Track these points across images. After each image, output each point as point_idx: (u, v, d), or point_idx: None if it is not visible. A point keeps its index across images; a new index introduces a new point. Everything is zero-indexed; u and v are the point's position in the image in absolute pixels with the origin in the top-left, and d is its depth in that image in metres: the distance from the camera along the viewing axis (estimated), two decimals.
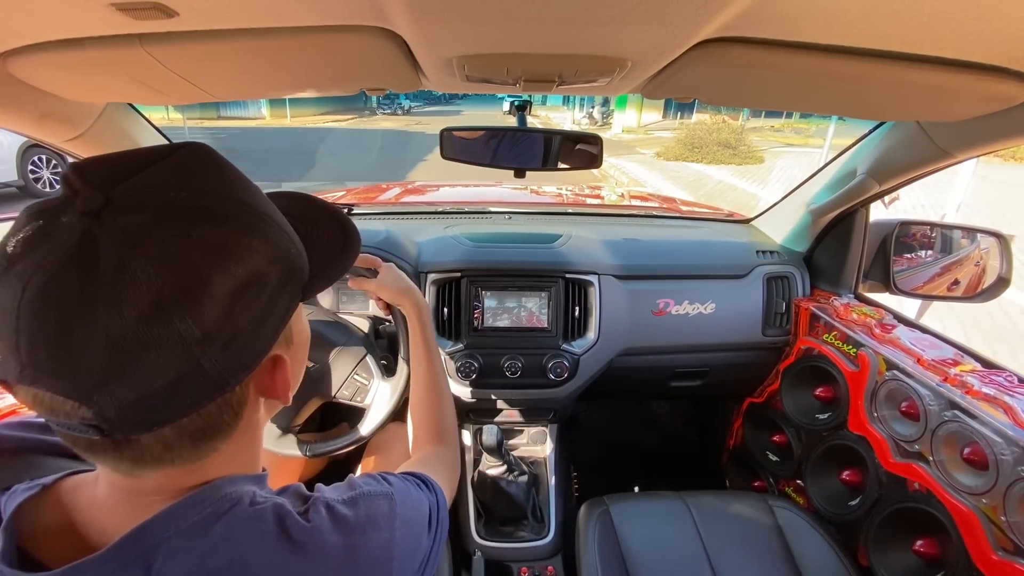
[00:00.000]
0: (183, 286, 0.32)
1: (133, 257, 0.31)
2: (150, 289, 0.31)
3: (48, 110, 0.78)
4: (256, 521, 0.38)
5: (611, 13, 0.48)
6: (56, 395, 0.31)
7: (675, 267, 1.37)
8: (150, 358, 0.31)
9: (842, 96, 0.73)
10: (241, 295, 0.35)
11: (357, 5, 0.50)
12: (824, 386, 1.26)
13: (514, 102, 1.00)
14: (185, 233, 0.33)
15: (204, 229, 0.34)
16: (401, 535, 0.45)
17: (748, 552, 1.06)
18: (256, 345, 0.37)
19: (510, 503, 1.26)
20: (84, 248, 0.30)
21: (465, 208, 1.71)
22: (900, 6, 0.45)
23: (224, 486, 0.39)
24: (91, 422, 0.32)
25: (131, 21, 0.50)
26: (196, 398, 0.35)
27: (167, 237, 0.32)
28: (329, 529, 0.40)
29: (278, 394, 0.42)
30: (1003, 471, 0.81)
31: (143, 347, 0.31)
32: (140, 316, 0.31)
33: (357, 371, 1.04)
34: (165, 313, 0.31)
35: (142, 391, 0.32)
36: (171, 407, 0.34)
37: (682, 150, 12.44)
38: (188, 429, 0.36)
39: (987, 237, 1.22)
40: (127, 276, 0.30)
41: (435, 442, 0.77)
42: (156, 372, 0.32)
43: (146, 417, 0.33)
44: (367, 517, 0.43)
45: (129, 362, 0.31)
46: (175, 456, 0.37)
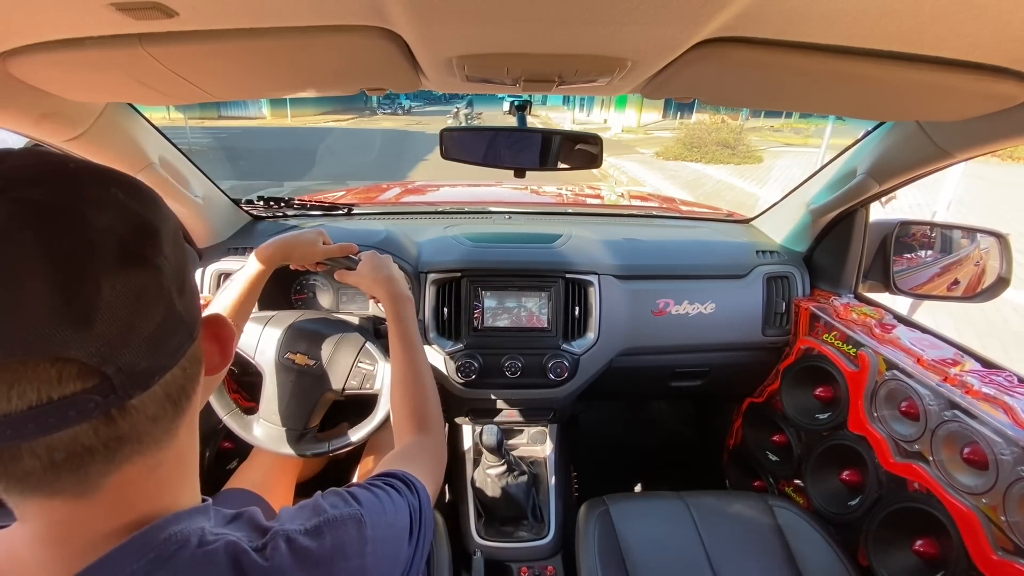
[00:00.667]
0: (140, 227, 0.33)
1: (84, 208, 0.31)
2: (112, 234, 0.31)
3: (48, 110, 0.78)
4: (206, 564, 0.34)
5: (611, 13, 0.48)
6: (60, 362, 0.29)
7: (675, 267, 1.37)
8: (141, 300, 0.32)
9: (842, 96, 0.73)
10: (177, 241, 0.36)
11: (357, 5, 0.50)
12: (824, 386, 1.26)
13: (514, 102, 1.00)
14: (109, 187, 0.33)
15: (122, 186, 0.34)
16: (373, 560, 0.42)
17: (748, 552, 1.06)
18: (195, 295, 0.38)
19: (510, 503, 1.26)
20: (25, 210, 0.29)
21: (465, 208, 1.71)
22: (900, 6, 0.45)
23: (166, 526, 0.35)
24: (98, 384, 0.30)
25: (131, 21, 0.50)
26: (179, 342, 0.35)
27: (96, 191, 0.33)
28: (290, 567, 0.37)
29: (223, 350, 0.42)
30: (1003, 471, 0.81)
31: (135, 290, 0.32)
32: (120, 260, 0.31)
33: (360, 360, 1.05)
34: (138, 254, 0.32)
35: (144, 335, 0.32)
36: (165, 351, 0.34)
37: (681, 150, 12.46)
38: (172, 387, 0.35)
39: (987, 237, 1.22)
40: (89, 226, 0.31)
41: (417, 431, 0.75)
42: (149, 315, 0.32)
43: (150, 365, 0.33)
44: (334, 547, 0.40)
45: (126, 307, 0.31)
46: (156, 427, 0.35)
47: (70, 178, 0.32)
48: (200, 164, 1.23)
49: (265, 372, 1.04)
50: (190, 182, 1.17)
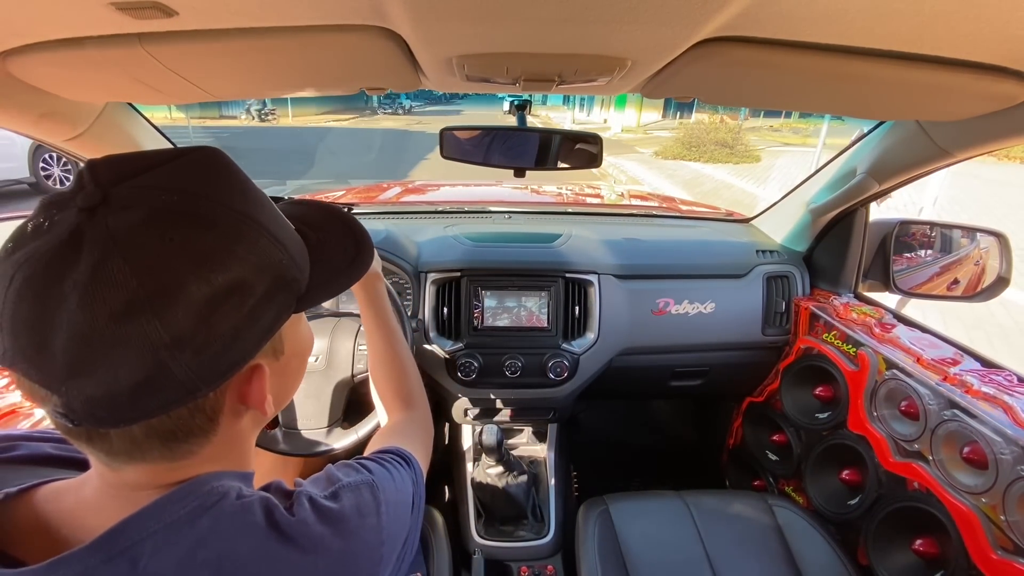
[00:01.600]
0: (156, 290, 0.32)
1: (112, 256, 0.31)
2: (124, 289, 0.31)
3: (48, 110, 0.78)
4: (244, 514, 0.38)
5: (611, 13, 0.48)
6: (32, 383, 0.32)
7: (675, 267, 1.37)
8: (117, 357, 0.32)
9: (842, 96, 0.73)
10: (221, 303, 0.35)
11: (357, 5, 0.50)
12: (824, 385, 1.26)
13: (514, 102, 1.00)
14: (167, 237, 0.33)
15: (188, 233, 0.34)
16: (388, 519, 0.45)
17: (748, 551, 1.06)
18: (234, 354, 0.37)
19: (510, 503, 1.26)
20: (71, 243, 0.31)
21: (465, 208, 1.71)
22: (900, 6, 0.45)
23: (209, 480, 0.39)
24: (60, 410, 0.33)
25: (131, 20, 0.50)
26: (164, 400, 0.34)
27: (148, 239, 0.33)
28: (315, 521, 0.40)
29: (252, 404, 0.41)
30: (1003, 470, 0.81)
31: (111, 345, 0.31)
32: (111, 315, 0.31)
33: (359, 343, 1.05)
34: (134, 315, 0.31)
35: (108, 388, 0.32)
36: (137, 407, 0.34)
37: (680, 149, 12.46)
38: (157, 429, 0.36)
39: (987, 236, 1.22)
40: (103, 274, 0.31)
41: (403, 408, 0.75)
42: (122, 371, 0.32)
43: (111, 414, 0.33)
44: (352, 507, 0.43)
45: (97, 358, 0.31)
46: (144, 454, 0.37)
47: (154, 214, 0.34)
48: None
49: None
50: None
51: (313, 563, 0.39)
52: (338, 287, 0.47)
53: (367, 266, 0.50)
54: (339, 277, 0.47)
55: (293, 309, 0.41)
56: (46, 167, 6.43)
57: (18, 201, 6.08)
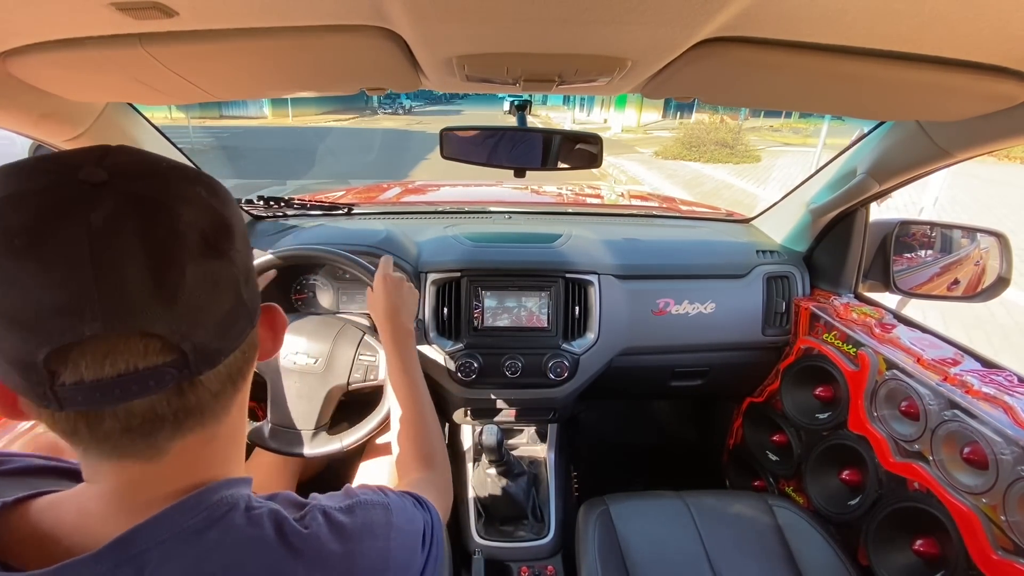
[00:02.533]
0: (218, 223, 0.36)
1: (176, 204, 0.34)
2: (196, 228, 0.34)
3: (48, 110, 0.78)
4: (253, 526, 0.38)
5: (611, 13, 0.48)
6: (143, 337, 0.33)
7: (675, 267, 1.36)
8: (217, 288, 0.36)
9: (842, 96, 0.73)
10: (245, 237, 0.40)
11: (357, 5, 0.50)
12: (824, 386, 1.26)
13: (514, 102, 1.00)
14: (194, 185, 0.37)
15: (204, 185, 0.38)
16: (396, 544, 0.45)
17: (748, 552, 1.06)
18: (256, 286, 0.42)
19: (510, 503, 1.26)
20: (129, 202, 0.33)
21: (465, 208, 1.71)
22: (900, 6, 0.45)
23: (219, 489, 0.39)
24: (176, 359, 0.34)
25: (131, 21, 0.50)
26: (241, 328, 0.39)
27: (185, 189, 0.36)
28: (327, 536, 0.41)
29: (276, 335, 0.46)
30: (1003, 470, 0.81)
31: (210, 279, 0.35)
32: (202, 251, 0.34)
33: (360, 352, 1.05)
34: (216, 247, 0.35)
35: (216, 319, 0.36)
36: (231, 335, 0.38)
37: (680, 149, 12.47)
38: (233, 368, 0.39)
39: (987, 237, 1.22)
40: (180, 219, 0.34)
41: (423, 468, 0.75)
42: (221, 301, 0.36)
43: (219, 346, 0.37)
44: (364, 525, 0.44)
45: (204, 294, 0.35)
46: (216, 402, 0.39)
47: (163, 175, 0.36)
48: (202, 163, 1.22)
49: (268, 378, 1.05)
50: None
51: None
52: None
53: None
54: None
55: None
56: None
57: None
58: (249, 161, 10.71)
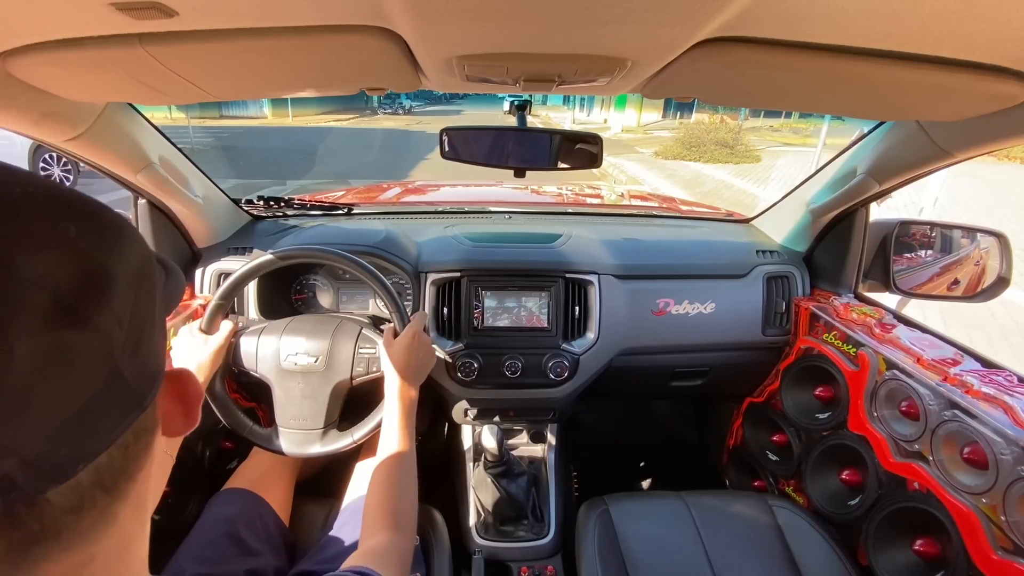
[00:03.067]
0: (86, 276, 0.26)
1: (15, 252, 0.24)
2: (46, 287, 0.25)
3: (48, 110, 0.78)
4: None
5: (611, 13, 0.48)
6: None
7: (675, 267, 1.36)
8: (69, 369, 0.25)
9: (842, 96, 0.73)
10: (140, 283, 0.30)
11: (357, 5, 0.50)
12: (824, 386, 1.26)
13: (514, 102, 1.00)
14: (59, 220, 0.26)
15: (76, 218, 0.28)
16: None
17: (748, 552, 1.06)
18: (159, 349, 0.31)
19: (510, 503, 1.26)
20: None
21: (465, 208, 1.71)
22: (900, 6, 0.45)
23: None
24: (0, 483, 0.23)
25: (131, 21, 0.50)
26: (119, 418, 0.28)
27: (39, 227, 0.26)
28: None
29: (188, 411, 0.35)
30: (1003, 471, 0.81)
31: (59, 356, 0.25)
32: (49, 320, 0.24)
33: (360, 346, 1.06)
34: (75, 312, 0.25)
35: (66, 415, 0.25)
36: (95, 432, 0.27)
37: (680, 149, 12.47)
38: (106, 472, 0.28)
39: (987, 237, 1.22)
40: (16, 275, 0.24)
41: (388, 529, 0.73)
42: (77, 386, 0.25)
43: (71, 451, 0.26)
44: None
45: (46, 379, 0.24)
46: (81, 520, 0.27)
47: (8, 207, 0.25)
48: (202, 163, 1.23)
49: (272, 381, 1.04)
50: (190, 182, 1.17)
51: None
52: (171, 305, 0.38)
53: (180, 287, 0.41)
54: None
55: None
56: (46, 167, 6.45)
57: None
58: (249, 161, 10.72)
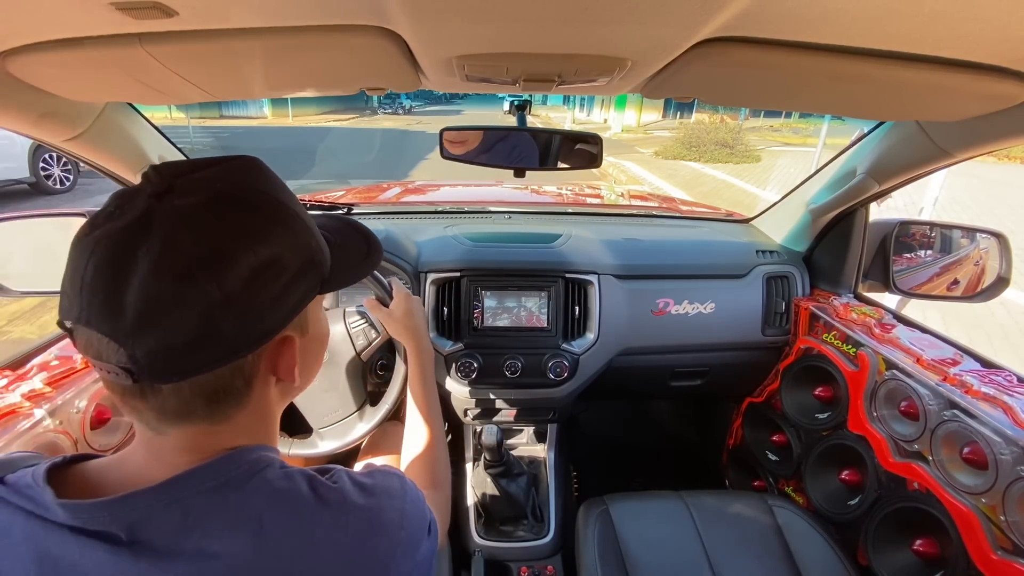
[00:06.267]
0: (213, 256, 0.38)
1: (178, 229, 0.37)
2: (187, 255, 0.37)
3: (47, 110, 0.78)
4: (287, 480, 0.43)
5: (611, 13, 0.48)
6: (103, 337, 0.37)
7: (675, 267, 1.37)
8: (178, 313, 0.37)
9: (842, 96, 0.73)
10: (262, 273, 0.40)
11: (357, 5, 0.50)
12: (824, 386, 1.26)
13: (514, 102, 1.00)
14: (223, 215, 0.40)
15: (237, 213, 0.41)
16: (411, 507, 0.49)
17: (748, 552, 1.06)
18: (270, 321, 0.42)
19: (510, 503, 1.26)
20: (143, 221, 0.37)
21: (465, 208, 1.71)
22: (900, 6, 0.45)
23: (255, 450, 0.44)
24: (124, 365, 0.37)
25: (131, 21, 0.50)
26: (212, 357, 0.40)
27: (207, 216, 0.39)
28: (351, 490, 0.45)
29: (285, 372, 0.46)
30: (1002, 471, 0.81)
31: (173, 303, 0.37)
32: (175, 276, 0.37)
33: (349, 324, 1.05)
34: (195, 276, 0.37)
35: (167, 342, 0.37)
36: (190, 361, 0.39)
37: (680, 149, 12.46)
38: (203, 388, 0.41)
39: (987, 237, 1.22)
40: (171, 243, 0.37)
41: (428, 488, 0.78)
42: (181, 326, 0.37)
43: (168, 366, 0.38)
44: (384, 487, 0.48)
45: (161, 314, 0.37)
46: (191, 413, 0.41)
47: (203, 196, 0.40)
48: None
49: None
50: None
51: (345, 524, 0.43)
52: (356, 276, 0.55)
53: (376, 263, 0.57)
54: (356, 267, 0.55)
55: (318, 290, 0.47)
56: (46, 167, 6.44)
57: (18, 201, 6.08)
58: None
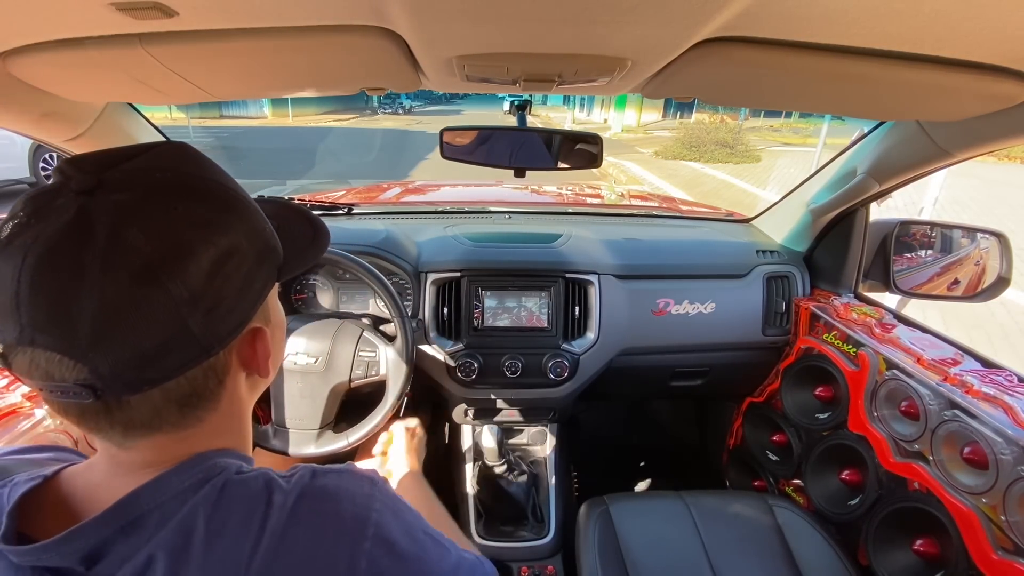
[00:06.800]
0: (171, 252, 0.35)
1: (125, 226, 0.34)
2: (141, 254, 0.34)
3: (48, 110, 0.78)
4: (243, 485, 0.40)
5: (611, 13, 0.48)
6: (54, 354, 0.33)
7: (675, 267, 1.37)
8: (142, 317, 0.34)
9: (842, 96, 0.73)
10: (223, 264, 0.38)
11: (357, 5, 0.50)
12: (824, 386, 1.26)
13: (514, 102, 1.00)
14: (172, 207, 0.36)
15: (188, 204, 0.37)
16: (380, 516, 0.43)
17: (748, 552, 1.06)
18: (237, 314, 0.40)
19: (510, 503, 1.26)
20: (80, 220, 0.33)
21: (465, 208, 1.71)
22: (900, 6, 0.45)
23: (213, 456, 0.41)
24: (86, 382, 0.34)
25: (131, 21, 0.50)
26: (183, 359, 0.37)
27: (155, 210, 0.36)
28: (304, 488, 0.41)
29: (259, 364, 0.44)
30: (1003, 470, 0.81)
31: (136, 306, 0.34)
32: (132, 278, 0.33)
33: (360, 349, 1.06)
34: (156, 275, 0.34)
35: (134, 349, 0.34)
36: (160, 367, 0.36)
37: (680, 149, 12.46)
38: (175, 394, 0.38)
39: (987, 236, 1.22)
40: (120, 243, 0.34)
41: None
42: (147, 331, 0.35)
43: (137, 376, 0.35)
44: (342, 488, 0.43)
45: (123, 321, 0.34)
46: (163, 422, 0.39)
47: (144, 189, 0.36)
48: None
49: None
50: None
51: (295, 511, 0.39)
52: (306, 260, 0.52)
53: (326, 244, 0.54)
54: (306, 252, 0.51)
55: (276, 277, 0.45)
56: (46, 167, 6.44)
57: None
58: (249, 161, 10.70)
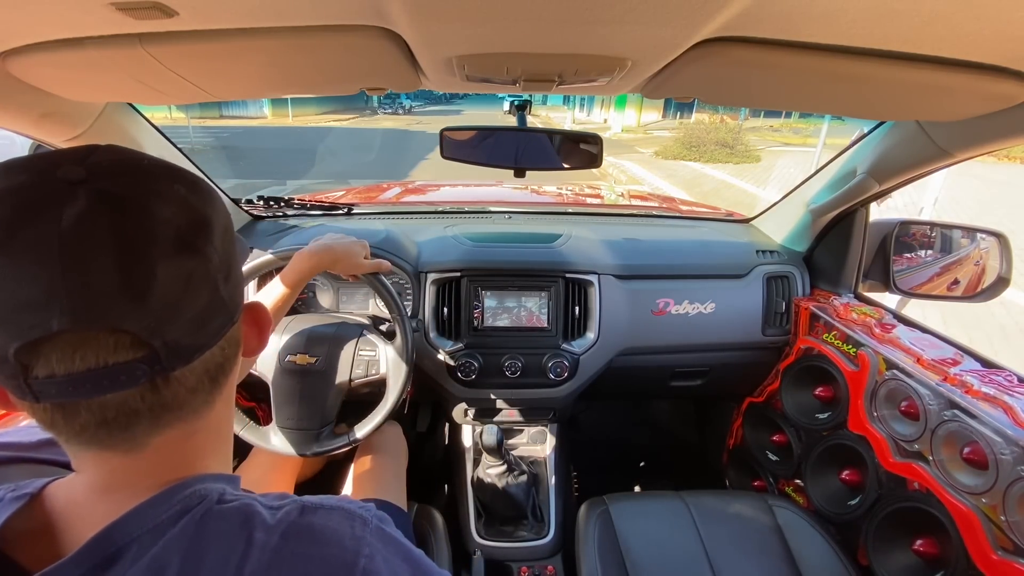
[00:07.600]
0: (196, 221, 0.37)
1: (149, 202, 0.35)
2: (174, 225, 0.35)
3: (48, 110, 0.78)
4: (219, 518, 0.37)
5: (611, 13, 0.48)
6: (117, 333, 0.33)
7: (675, 267, 1.37)
8: (192, 285, 0.36)
9: (842, 96, 0.73)
10: (228, 232, 0.40)
11: (357, 5, 0.50)
12: (824, 386, 1.26)
13: (514, 101, 1.00)
14: (171, 184, 0.37)
15: (181, 182, 0.38)
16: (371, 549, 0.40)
17: (748, 552, 1.06)
18: (240, 284, 0.42)
19: (510, 503, 1.26)
20: (103, 200, 0.33)
21: (465, 208, 1.71)
22: (900, 6, 0.45)
23: (193, 483, 0.39)
24: (146, 355, 0.34)
25: (131, 21, 0.50)
26: (220, 325, 0.39)
27: (162, 187, 0.37)
28: (289, 528, 0.38)
29: (261, 332, 0.47)
30: (1003, 471, 0.81)
31: (186, 275, 0.35)
32: (176, 247, 0.35)
33: (360, 348, 1.06)
34: (193, 242, 0.36)
35: (188, 316, 0.36)
36: (206, 332, 0.38)
37: (680, 149, 12.47)
38: (211, 363, 0.39)
39: (987, 237, 1.22)
40: (153, 216, 0.35)
41: None
42: (196, 297, 0.36)
43: (192, 342, 0.37)
44: (330, 529, 0.40)
45: (177, 289, 0.35)
46: (195, 399, 0.39)
47: (142, 173, 0.37)
48: (202, 163, 1.23)
49: (270, 380, 1.05)
50: None
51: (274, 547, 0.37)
52: None
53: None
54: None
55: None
56: None
57: None
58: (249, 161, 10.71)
